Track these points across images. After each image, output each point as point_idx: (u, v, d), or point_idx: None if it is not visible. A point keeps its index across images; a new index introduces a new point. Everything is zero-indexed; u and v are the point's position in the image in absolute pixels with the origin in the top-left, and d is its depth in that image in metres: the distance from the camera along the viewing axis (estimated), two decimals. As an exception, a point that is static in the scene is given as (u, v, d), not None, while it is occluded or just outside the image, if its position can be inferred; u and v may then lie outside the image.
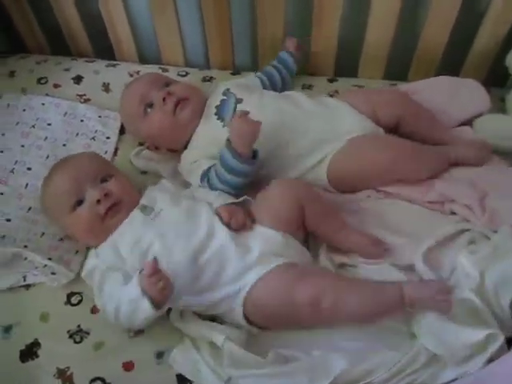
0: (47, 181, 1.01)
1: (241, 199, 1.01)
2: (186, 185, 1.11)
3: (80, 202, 0.95)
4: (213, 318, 0.92)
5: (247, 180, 1.03)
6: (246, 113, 0.99)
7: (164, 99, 1.08)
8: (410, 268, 0.94)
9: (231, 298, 0.88)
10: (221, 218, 0.94)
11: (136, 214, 0.96)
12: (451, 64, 1.30)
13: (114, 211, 0.95)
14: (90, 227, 0.95)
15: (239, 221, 0.94)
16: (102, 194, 0.95)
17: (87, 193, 0.95)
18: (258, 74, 1.26)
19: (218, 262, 0.90)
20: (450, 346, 0.81)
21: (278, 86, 1.26)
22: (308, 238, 1.02)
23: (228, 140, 0.99)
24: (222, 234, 0.92)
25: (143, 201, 0.98)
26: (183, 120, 1.10)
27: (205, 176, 1.05)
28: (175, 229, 0.93)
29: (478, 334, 0.79)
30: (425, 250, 0.94)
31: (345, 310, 0.84)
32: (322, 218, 0.97)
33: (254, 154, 1.01)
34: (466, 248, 0.94)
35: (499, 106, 1.21)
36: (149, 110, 1.11)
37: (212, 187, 1.03)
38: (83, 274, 0.96)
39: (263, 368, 0.82)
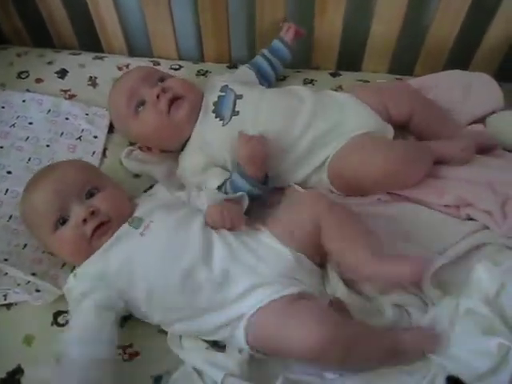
0: (26, 195, 0.91)
1: (237, 195, 0.94)
2: (182, 187, 1.03)
3: (63, 221, 0.86)
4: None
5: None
6: (249, 137, 0.94)
7: (158, 96, 1.00)
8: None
9: (233, 323, 0.81)
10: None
11: (124, 229, 0.87)
12: (460, 58, 1.26)
13: (101, 231, 0.86)
14: (76, 249, 0.87)
15: (232, 220, 0.87)
16: (89, 212, 0.85)
17: (72, 210, 0.86)
18: (247, 66, 1.20)
19: (217, 282, 0.82)
20: (464, 360, 0.77)
21: (270, 79, 1.20)
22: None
23: (237, 164, 0.94)
24: (221, 249, 0.84)
25: (136, 214, 0.89)
26: (178, 120, 1.02)
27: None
28: (165, 245, 0.85)
29: (489, 344, 0.76)
30: (433, 271, 0.88)
31: (351, 360, 0.77)
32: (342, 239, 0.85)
33: (266, 178, 0.96)
34: (488, 259, 0.88)
35: (511, 102, 1.15)
36: (140, 108, 1.02)
37: None
38: (64, 288, 0.87)
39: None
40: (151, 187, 1.03)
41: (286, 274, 0.83)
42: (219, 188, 0.98)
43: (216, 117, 1.03)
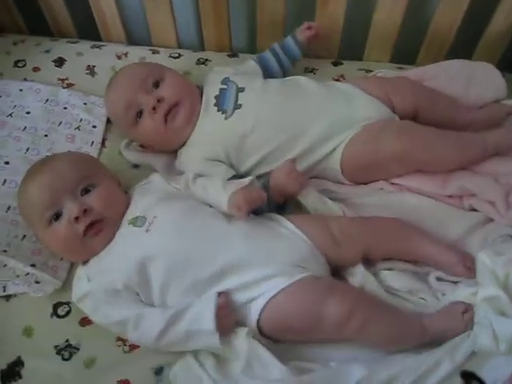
0: (22, 188, 0.90)
1: (247, 180, 0.92)
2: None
3: (57, 216, 0.85)
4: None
5: None
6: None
7: (154, 108, 0.99)
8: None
9: (244, 305, 0.81)
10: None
11: (127, 229, 0.86)
12: (462, 48, 1.24)
13: (94, 230, 0.85)
14: (69, 246, 0.86)
15: (256, 198, 0.86)
16: (81, 210, 0.84)
17: (65, 207, 0.85)
18: (254, 60, 1.17)
19: (232, 269, 0.82)
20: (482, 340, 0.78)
21: (276, 76, 1.16)
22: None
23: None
24: (235, 236, 0.85)
25: (132, 211, 0.88)
26: (176, 128, 1.01)
27: None
28: (174, 236, 0.84)
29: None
30: None
31: (370, 332, 0.79)
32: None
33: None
34: (491, 248, 0.87)
35: (514, 93, 1.15)
36: (139, 118, 1.01)
37: None
38: (75, 299, 0.86)
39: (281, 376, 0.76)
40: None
41: (297, 264, 0.84)
42: None
43: (218, 110, 1.01)
